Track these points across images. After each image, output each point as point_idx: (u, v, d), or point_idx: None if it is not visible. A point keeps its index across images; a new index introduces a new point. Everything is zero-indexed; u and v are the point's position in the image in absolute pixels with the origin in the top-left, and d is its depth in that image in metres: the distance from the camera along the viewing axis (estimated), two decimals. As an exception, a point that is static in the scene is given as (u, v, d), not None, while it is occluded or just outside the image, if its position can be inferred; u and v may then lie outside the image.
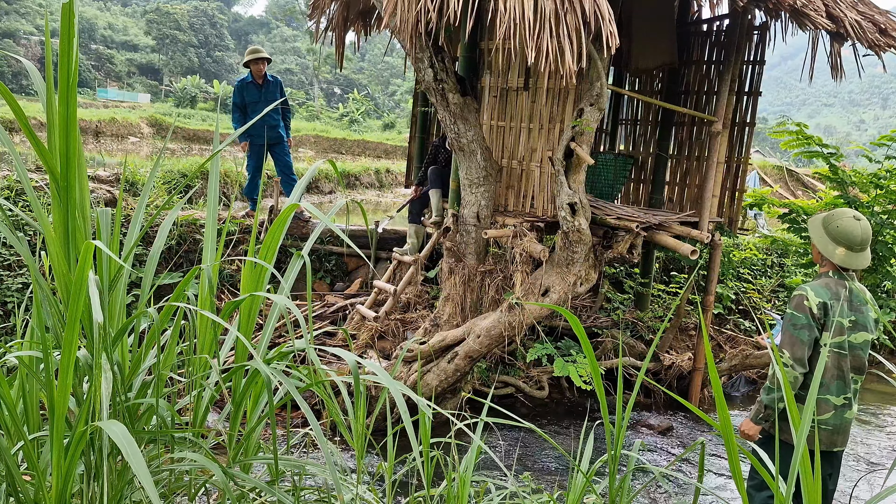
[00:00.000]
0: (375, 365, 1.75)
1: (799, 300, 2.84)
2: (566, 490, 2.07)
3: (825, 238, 2.90)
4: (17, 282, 5.44)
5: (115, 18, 63.15)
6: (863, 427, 5.92)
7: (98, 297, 1.46)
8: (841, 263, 2.87)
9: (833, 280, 2.91)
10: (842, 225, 2.87)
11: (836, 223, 2.88)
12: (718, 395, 1.62)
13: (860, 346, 2.94)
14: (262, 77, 7.10)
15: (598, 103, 4.48)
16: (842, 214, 2.92)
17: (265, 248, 1.95)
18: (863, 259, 2.88)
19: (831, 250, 2.87)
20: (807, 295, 2.83)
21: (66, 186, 1.63)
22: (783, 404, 2.80)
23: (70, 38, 1.55)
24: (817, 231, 2.94)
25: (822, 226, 2.93)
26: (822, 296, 2.83)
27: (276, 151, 7.31)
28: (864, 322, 2.92)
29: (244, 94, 7.12)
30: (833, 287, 2.88)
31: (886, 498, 1.57)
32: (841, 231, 2.86)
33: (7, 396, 1.62)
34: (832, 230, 2.88)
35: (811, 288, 2.85)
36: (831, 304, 2.83)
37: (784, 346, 2.84)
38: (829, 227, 2.90)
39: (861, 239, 2.85)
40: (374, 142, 29.77)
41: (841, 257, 2.86)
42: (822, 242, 2.91)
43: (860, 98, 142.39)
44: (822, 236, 2.92)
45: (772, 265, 8.45)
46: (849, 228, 2.85)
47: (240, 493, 1.93)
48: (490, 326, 4.80)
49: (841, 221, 2.88)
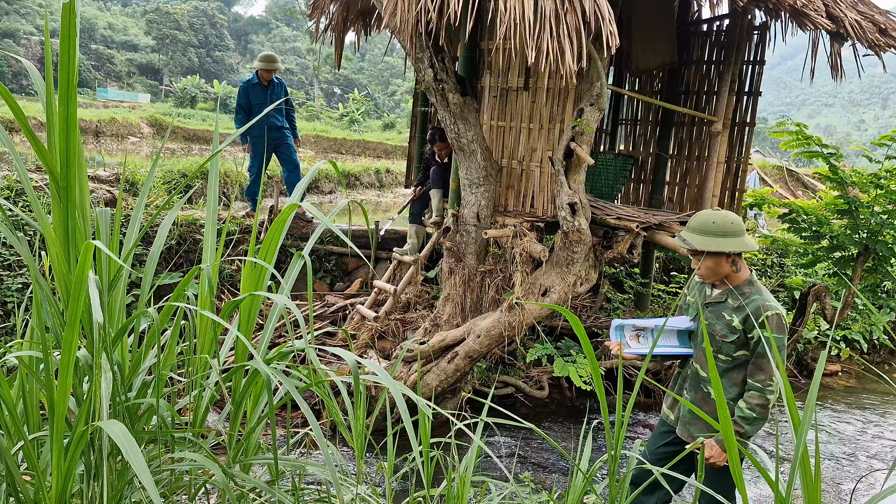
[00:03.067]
0: (375, 365, 1.75)
1: (779, 321, 2.65)
2: (566, 490, 2.07)
3: (733, 238, 2.71)
4: (17, 282, 5.44)
5: (115, 18, 63.16)
6: (862, 427, 5.92)
7: (98, 297, 1.46)
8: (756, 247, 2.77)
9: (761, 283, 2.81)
10: (732, 217, 2.74)
11: (728, 220, 2.72)
12: (719, 394, 1.62)
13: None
14: (269, 80, 7.13)
15: (598, 103, 4.48)
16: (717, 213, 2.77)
17: (265, 248, 1.95)
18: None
19: (748, 242, 2.73)
20: (783, 314, 2.67)
21: (66, 186, 1.63)
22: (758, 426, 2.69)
23: (71, 37, 1.55)
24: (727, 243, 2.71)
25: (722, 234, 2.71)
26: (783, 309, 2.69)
27: (282, 152, 7.34)
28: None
29: (249, 95, 7.15)
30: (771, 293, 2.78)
31: (886, 498, 1.56)
32: (736, 223, 2.72)
33: (7, 396, 1.62)
34: (730, 227, 2.71)
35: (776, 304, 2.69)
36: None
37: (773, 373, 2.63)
38: (727, 229, 2.71)
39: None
40: (374, 142, 29.76)
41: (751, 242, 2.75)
42: (736, 243, 2.71)
43: (860, 98, 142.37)
44: (733, 241, 2.71)
45: (772, 265, 8.45)
46: (732, 216, 2.75)
47: (240, 493, 1.93)
48: (490, 326, 4.80)
49: (727, 216, 2.74)
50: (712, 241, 2.71)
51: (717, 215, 2.76)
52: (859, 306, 7.27)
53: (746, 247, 2.72)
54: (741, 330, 2.70)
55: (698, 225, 2.76)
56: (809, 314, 5.86)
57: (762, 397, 2.65)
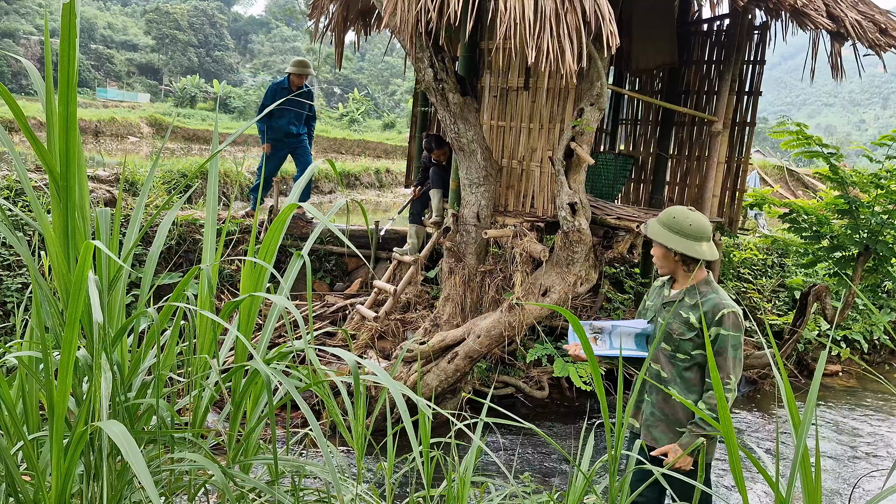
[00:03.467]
0: (375, 365, 1.75)
1: (735, 319, 2.63)
2: (566, 490, 2.07)
3: (688, 241, 2.69)
4: (17, 282, 5.44)
5: (115, 18, 63.15)
6: (863, 427, 5.92)
7: (98, 297, 1.46)
8: (711, 257, 2.70)
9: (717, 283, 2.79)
10: (694, 220, 2.70)
11: (688, 221, 2.70)
12: (719, 395, 1.61)
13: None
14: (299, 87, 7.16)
15: (598, 103, 4.48)
16: (683, 211, 2.74)
17: (265, 248, 1.95)
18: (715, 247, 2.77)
19: (699, 249, 2.68)
20: (738, 312, 2.64)
21: (65, 186, 1.63)
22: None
23: (71, 37, 1.55)
24: (674, 239, 2.70)
25: (674, 231, 2.71)
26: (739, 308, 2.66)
27: (298, 154, 7.39)
28: None
29: (276, 97, 7.15)
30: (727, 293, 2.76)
31: (886, 498, 1.56)
32: (697, 226, 2.69)
33: (7, 396, 1.62)
34: (689, 230, 2.69)
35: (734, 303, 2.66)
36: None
37: (731, 371, 2.62)
38: (683, 228, 2.70)
39: (710, 226, 2.74)
40: (374, 142, 29.77)
41: (710, 251, 2.70)
42: (689, 246, 2.68)
43: (860, 98, 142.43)
44: (683, 241, 2.69)
45: (772, 265, 8.45)
46: (701, 221, 2.70)
47: (239, 494, 1.93)
48: (490, 326, 4.80)
49: (690, 217, 2.71)
50: (663, 233, 2.73)
51: (681, 213, 2.75)
52: (859, 306, 7.27)
53: (694, 252, 2.68)
54: (698, 328, 2.69)
55: (663, 215, 2.79)
56: (810, 314, 5.85)
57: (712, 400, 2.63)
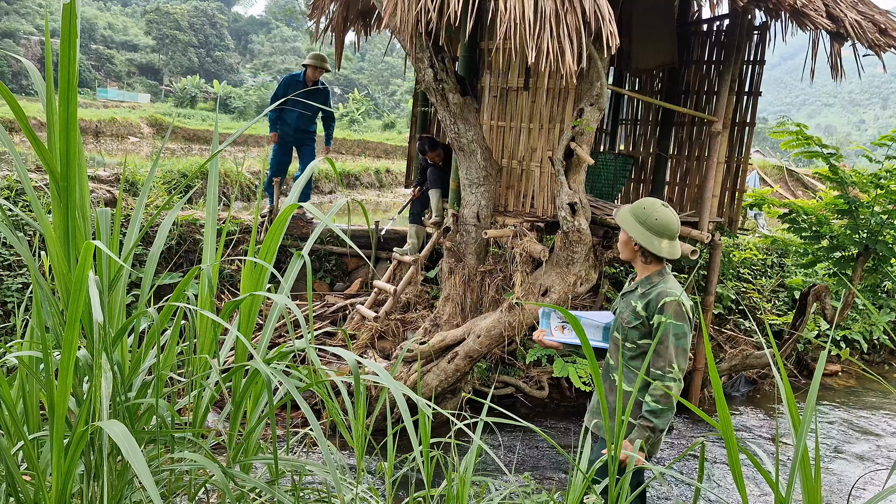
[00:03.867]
0: (376, 365, 1.75)
1: (677, 308, 2.62)
2: (566, 490, 2.07)
3: (648, 235, 2.69)
4: (17, 282, 5.44)
5: (115, 18, 63.15)
6: (863, 427, 5.92)
7: (98, 297, 1.46)
8: (669, 256, 2.70)
9: (671, 275, 2.75)
10: (661, 216, 2.69)
11: (654, 215, 2.69)
12: (718, 395, 1.62)
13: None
14: (314, 82, 7.16)
15: (598, 103, 4.48)
16: (654, 205, 2.74)
17: (265, 248, 1.95)
18: (679, 247, 2.76)
19: (658, 245, 2.68)
20: (682, 301, 2.63)
21: (66, 186, 1.63)
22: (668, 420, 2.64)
23: (71, 38, 1.55)
24: (635, 228, 2.72)
25: (639, 221, 2.72)
26: (686, 298, 2.67)
27: (303, 152, 7.40)
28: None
29: (288, 89, 7.14)
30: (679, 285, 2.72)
31: (886, 498, 1.56)
32: (662, 222, 2.68)
33: (7, 396, 1.62)
34: (652, 224, 2.69)
35: (680, 291, 2.66)
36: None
37: (673, 360, 2.61)
38: (647, 220, 2.69)
39: (677, 226, 2.72)
40: (374, 142, 29.77)
41: (668, 249, 2.70)
42: (647, 240, 2.69)
43: (860, 98, 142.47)
44: (643, 234, 2.70)
45: (772, 265, 8.45)
46: (667, 218, 2.69)
47: (240, 493, 1.93)
48: (490, 326, 4.80)
49: (658, 213, 2.70)
50: (628, 220, 2.76)
51: (651, 206, 2.74)
52: (859, 306, 7.27)
53: (652, 247, 2.68)
54: (644, 316, 2.69)
55: (636, 203, 2.80)
56: (809, 314, 5.86)
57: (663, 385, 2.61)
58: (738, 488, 1.63)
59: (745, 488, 1.65)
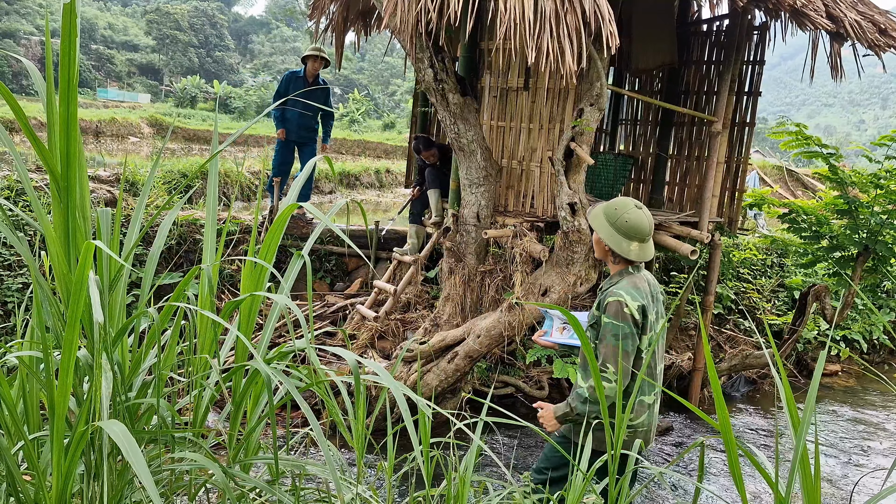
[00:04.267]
0: (376, 365, 1.75)
1: (618, 307, 2.58)
2: (566, 490, 2.07)
3: (616, 236, 2.67)
4: (17, 282, 5.44)
5: (116, 18, 63.15)
6: (862, 427, 5.92)
7: (98, 296, 1.46)
8: (637, 259, 2.67)
9: (635, 276, 2.70)
10: (631, 218, 2.65)
11: (625, 217, 2.65)
12: (718, 395, 1.62)
13: (661, 334, 2.76)
14: (315, 77, 7.15)
15: (598, 103, 4.48)
16: (625, 206, 2.70)
17: (265, 248, 1.95)
18: (652, 248, 2.72)
19: (626, 247, 2.66)
20: (625, 301, 2.58)
21: (66, 186, 1.63)
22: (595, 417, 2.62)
23: (72, 38, 1.55)
24: (605, 229, 2.69)
25: (609, 222, 2.69)
26: (638, 299, 2.61)
27: (304, 152, 7.40)
28: (660, 310, 2.77)
29: (290, 86, 7.16)
30: (640, 285, 2.67)
31: (886, 498, 1.56)
32: (632, 224, 2.64)
33: (7, 396, 1.62)
34: (621, 225, 2.65)
35: (626, 292, 2.61)
36: (647, 304, 2.63)
37: (608, 360, 2.57)
38: (617, 222, 2.66)
39: (649, 228, 2.67)
40: (375, 142, 29.77)
41: (636, 252, 2.66)
42: (615, 241, 2.67)
43: (860, 98, 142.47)
44: (612, 234, 2.67)
45: (771, 265, 8.46)
46: (638, 220, 2.65)
47: (240, 493, 1.94)
48: (490, 326, 4.81)
49: (629, 214, 2.66)
50: (598, 219, 2.73)
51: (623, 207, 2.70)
52: (859, 306, 7.27)
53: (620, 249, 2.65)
54: (596, 315, 2.69)
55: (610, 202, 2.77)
56: (809, 314, 5.86)
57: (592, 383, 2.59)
58: (738, 488, 1.63)
59: (744, 488, 1.65)
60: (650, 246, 2.72)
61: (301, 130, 7.20)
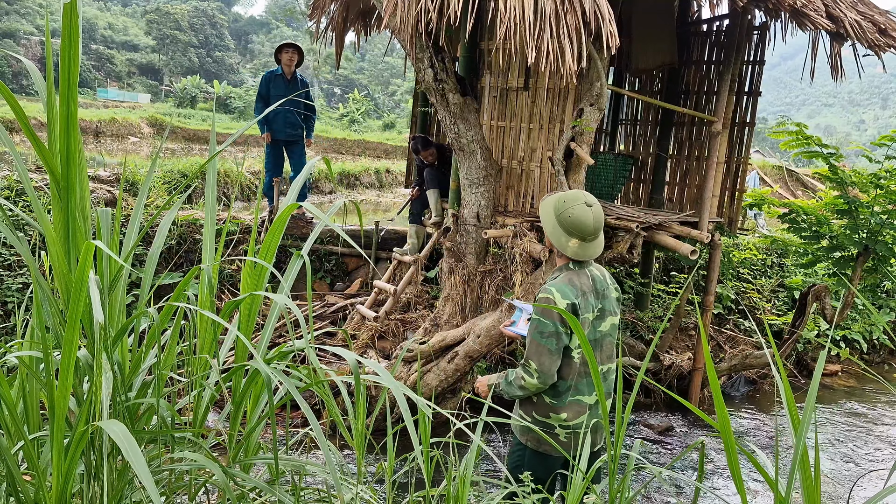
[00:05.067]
0: (376, 365, 1.75)
1: (543, 303, 2.53)
2: (566, 490, 2.07)
3: (557, 229, 2.59)
4: (17, 282, 5.44)
5: (116, 18, 63.14)
6: (862, 427, 5.92)
7: (98, 296, 1.46)
8: (574, 256, 2.59)
9: (574, 273, 2.62)
10: (574, 214, 2.54)
11: (569, 212, 2.55)
12: (718, 395, 1.62)
13: (608, 333, 2.69)
14: (292, 73, 7.13)
15: (598, 103, 4.48)
16: (574, 201, 2.58)
17: (265, 248, 1.95)
18: (596, 247, 2.61)
19: (564, 242, 2.58)
20: (553, 298, 2.52)
21: (66, 186, 1.63)
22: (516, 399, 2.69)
23: (73, 37, 1.55)
24: (549, 221, 2.61)
25: (555, 214, 2.59)
26: (569, 296, 2.54)
27: (294, 153, 7.36)
28: (609, 307, 2.68)
29: (270, 86, 7.11)
30: (577, 281, 2.59)
31: (886, 498, 1.56)
32: (573, 221, 2.54)
33: (7, 396, 1.62)
34: (564, 220, 2.56)
35: (557, 289, 2.54)
36: (579, 303, 2.56)
37: (531, 356, 2.55)
38: (561, 216, 2.57)
39: (594, 228, 2.56)
40: (374, 142, 29.78)
41: (574, 249, 2.58)
42: (555, 235, 2.59)
43: (860, 98, 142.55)
44: (554, 227, 2.59)
45: (771, 265, 8.46)
46: (581, 218, 2.54)
47: (240, 493, 1.94)
48: (490, 326, 4.81)
49: (573, 210, 2.55)
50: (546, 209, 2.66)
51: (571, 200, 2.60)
52: (859, 306, 7.27)
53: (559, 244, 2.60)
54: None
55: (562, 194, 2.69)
56: (809, 314, 5.86)
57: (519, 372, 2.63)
58: (738, 488, 1.63)
59: (744, 488, 1.65)
60: (594, 245, 2.62)
61: (287, 128, 7.16)
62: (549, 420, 2.66)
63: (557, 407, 2.64)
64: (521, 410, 2.74)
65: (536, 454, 2.69)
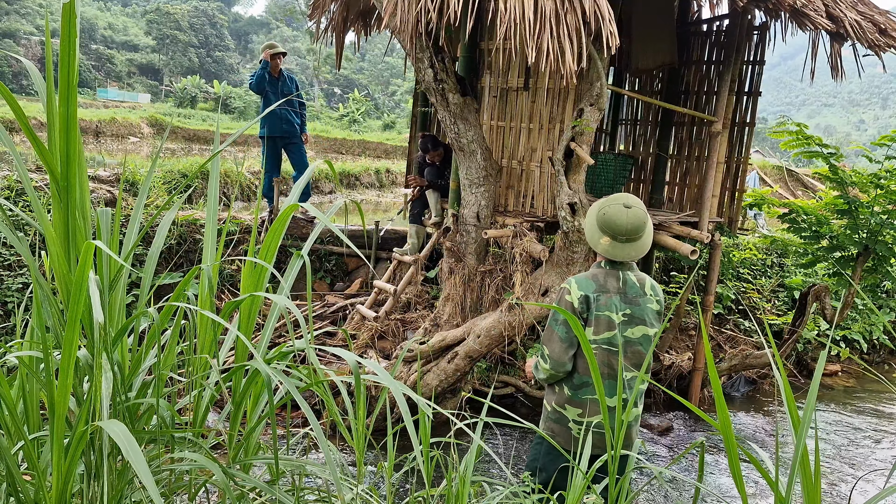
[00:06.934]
0: (376, 365, 1.75)
1: (562, 294, 2.63)
2: (566, 490, 2.07)
3: (593, 226, 2.64)
4: (17, 282, 5.44)
5: (116, 18, 63.14)
6: (862, 427, 5.92)
7: (98, 296, 1.46)
8: (605, 254, 2.62)
9: (603, 271, 2.66)
10: (608, 213, 2.59)
11: (605, 210, 2.61)
12: (718, 395, 1.62)
13: (638, 340, 2.67)
14: (278, 72, 7.29)
15: (598, 103, 4.48)
16: (613, 201, 2.63)
17: (265, 248, 1.95)
18: (631, 249, 2.61)
19: (596, 239, 2.63)
20: (570, 288, 2.61)
21: (66, 186, 1.63)
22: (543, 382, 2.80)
23: (71, 37, 1.55)
24: (589, 219, 2.68)
25: (595, 211, 2.66)
26: (585, 288, 2.61)
27: (292, 152, 7.42)
28: (640, 315, 2.66)
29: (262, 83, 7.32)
30: (601, 279, 2.63)
31: (886, 498, 1.56)
32: (606, 219, 2.59)
33: (7, 396, 1.62)
34: (599, 217, 2.61)
35: (576, 280, 2.63)
36: (595, 296, 2.60)
37: (545, 341, 2.67)
38: (599, 212, 2.62)
39: (626, 229, 2.57)
40: (374, 142, 29.79)
41: (605, 247, 2.60)
42: (591, 231, 2.66)
43: (860, 98, 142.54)
44: (591, 224, 2.66)
45: (771, 265, 8.45)
46: (614, 217, 2.57)
47: (240, 493, 1.93)
48: (490, 326, 4.81)
49: (609, 209, 2.60)
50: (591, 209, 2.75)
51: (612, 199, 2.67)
52: (859, 306, 7.27)
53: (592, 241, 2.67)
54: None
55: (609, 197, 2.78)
56: (809, 314, 5.86)
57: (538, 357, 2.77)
58: (738, 488, 1.63)
59: (744, 488, 1.65)
60: (629, 247, 2.61)
61: (283, 124, 7.28)
62: (564, 412, 2.73)
63: (573, 400, 2.70)
64: (545, 399, 2.85)
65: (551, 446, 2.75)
